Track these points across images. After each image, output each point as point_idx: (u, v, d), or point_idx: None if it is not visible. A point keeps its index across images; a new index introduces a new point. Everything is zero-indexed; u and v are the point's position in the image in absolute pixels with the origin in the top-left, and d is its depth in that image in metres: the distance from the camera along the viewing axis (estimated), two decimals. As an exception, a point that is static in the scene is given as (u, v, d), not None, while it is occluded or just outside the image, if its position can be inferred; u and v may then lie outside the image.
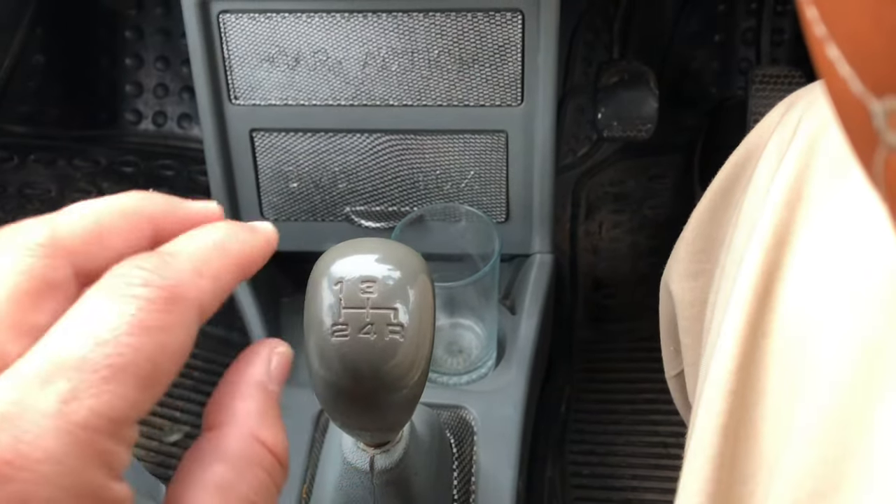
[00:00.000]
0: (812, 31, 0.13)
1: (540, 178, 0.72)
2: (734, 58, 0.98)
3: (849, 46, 0.12)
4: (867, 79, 0.12)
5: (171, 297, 0.20)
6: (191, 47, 0.69)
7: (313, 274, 0.34)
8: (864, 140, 0.13)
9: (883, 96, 0.12)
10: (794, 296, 0.33)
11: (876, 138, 0.12)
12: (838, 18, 0.12)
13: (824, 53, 0.13)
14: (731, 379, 0.34)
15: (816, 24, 0.13)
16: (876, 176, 0.13)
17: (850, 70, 0.12)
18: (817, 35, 0.13)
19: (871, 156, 0.13)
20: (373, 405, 0.33)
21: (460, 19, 0.66)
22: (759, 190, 0.39)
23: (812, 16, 0.13)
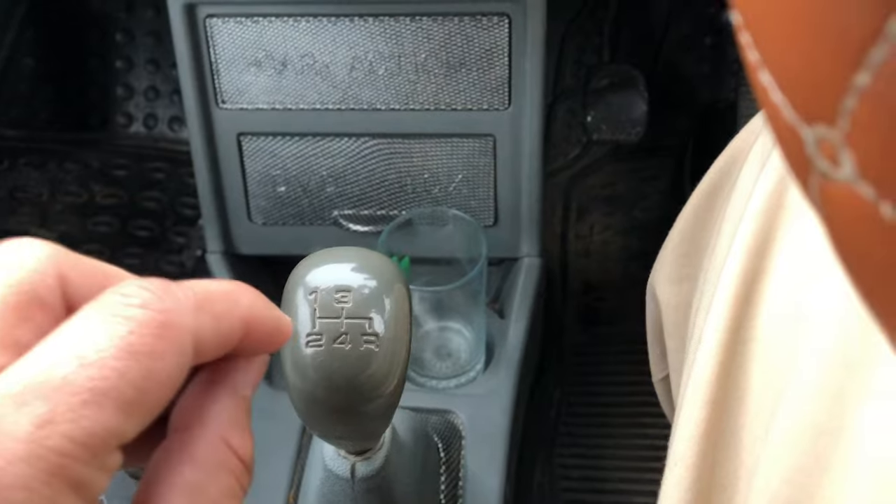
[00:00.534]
0: (746, 56, 0.13)
1: (528, 181, 0.72)
2: (725, 60, 0.98)
3: (779, 74, 0.12)
4: (798, 106, 0.12)
5: (165, 322, 0.19)
6: (177, 51, 0.69)
7: (288, 283, 0.34)
8: (800, 165, 0.13)
9: (813, 123, 0.12)
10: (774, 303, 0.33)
11: (810, 164, 0.12)
12: (769, 46, 0.12)
13: (758, 79, 0.13)
14: (711, 387, 0.34)
15: (750, 50, 0.13)
16: (813, 200, 0.13)
17: (783, 97, 0.12)
18: (751, 60, 0.13)
19: (807, 180, 0.13)
20: (349, 415, 0.33)
21: (447, 23, 0.66)
22: (743, 196, 0.39)
23: (746, 41, 0.13)
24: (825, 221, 0.13)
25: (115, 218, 0.98)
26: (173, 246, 0.96)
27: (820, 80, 0.11)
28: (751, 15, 0.12)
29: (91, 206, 0.99)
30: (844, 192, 0.12)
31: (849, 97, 0.11)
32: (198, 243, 0.95)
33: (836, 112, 0.11)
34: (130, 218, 0.98)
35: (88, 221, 0.98)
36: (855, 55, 0.10)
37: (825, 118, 0.11)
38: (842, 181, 0.12)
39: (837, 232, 0.13)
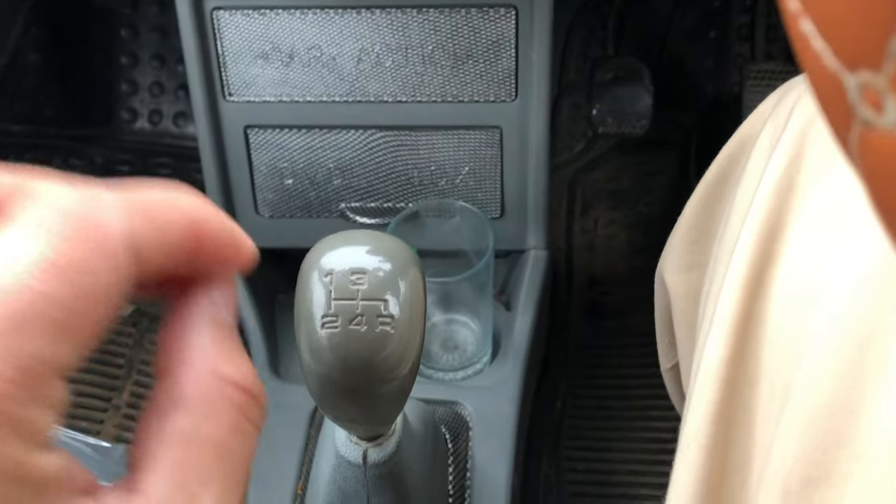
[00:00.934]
0: (786, 6, 0.13)
1: (534, 173, 0.72)
2: (729, 54, 0.98)
3: (821, 20, 0.12)
4: (840, 52, 0.12)
5: (90, 230, 0.17)
6: (185, 44, 0.69)
7: (303, 266, 0.34)
8: (840, 116, 0.13)
9: (856, 70, 0.12)
10: (785, 285, 0.33)
11: (851, 113, 0.12)
12: None
13: (798, 28, 0.13)
14: (723, 367, 0.34)
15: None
16: (852, 153, 0.13)
17: (824, 44, 0.12)
18: (791, 9, 0.13)
19: (847, 132, 0.13)
20: (363, 397, 0.33)
21: (454, 15, 0.66)
22: (753, 180, 0.39)
23: None
24: (865, 174, 0.13)
25: None
26: (179, 241, 0.97)
27: (865, 23, 0.11)
28: None
29: (96, 202, 0.99)
30: (887, 140, 0.11)
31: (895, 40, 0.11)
32: (203, 238, 0.95)
33: (882, 55, 0.11)
34: None
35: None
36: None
37: (870, 63, 0.11)
38: (886, 128, 0.11)
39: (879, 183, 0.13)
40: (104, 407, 0.86)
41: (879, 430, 0.27)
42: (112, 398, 0.86)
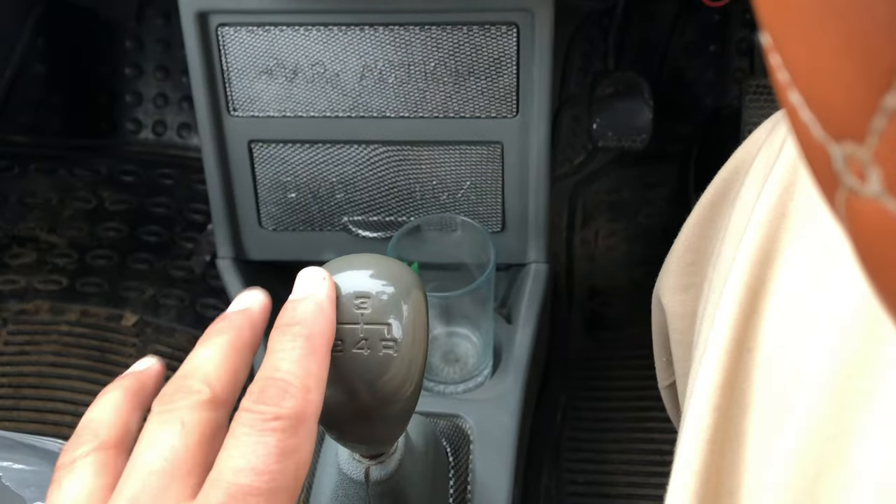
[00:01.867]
0: (776, 77, 0.14)
1: (535, 188, 0.73)
2: (729, 68, 0.99)
3: (809, 93, 0.13)
4: (827, 125, 0.13)
5: (296, 422, 0.26)
6: (190, 60, 0.70)
7: (308, 290, 0.34)
8: (827, 181, 0.13)
9: (841, 141, 0.12)
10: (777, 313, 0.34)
11: (837, 180, 0.13)
12: (799, 68, 0.13)
13: (787, 98, 0.13)
14: (716, 394, 0.34)
15: (780, 71, 0.13)
16: (839, 214, 0.14)
17: (811, 115, 0.13)
18: (781, 81, 0.13)
19: (834, 196, 0.13)
20: (367, 419, 0.34)
21: (456, 32, 0.67)
22: (746, 206, 0.40)
23: (776, 62, 0.14)
24: (851, 235, 0.13)
25: (123, 223, 0.99)
26: (182, 251, 0.97)
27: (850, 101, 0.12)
28: (781, 37, 0.13)
29: (100, 212, 1.00)
30: (871, 207, 0.12)
31: (878, 117, 0.11)
32: (206, 248, 0.96)
33: (866, 131, 0.11)
34: (139, 223, 0.99)
35: (97, 227, 0.99)
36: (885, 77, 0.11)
37: (854, 136, 0.12)
38: (869, 196, 0.12)
39: (863, 245, 0.13)
40: (107, 417, 0.87)
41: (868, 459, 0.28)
42: (115, 408, 0.87)
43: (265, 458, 0.25)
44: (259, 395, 0.26)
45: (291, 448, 0.25)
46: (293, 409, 0.26)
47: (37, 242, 0.97)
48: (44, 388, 0.87)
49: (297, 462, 0.26)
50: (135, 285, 0.95)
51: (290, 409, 0.26)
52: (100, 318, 0.92)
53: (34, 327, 0.92)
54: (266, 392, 0.26)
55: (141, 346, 0.91)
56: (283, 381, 0.27)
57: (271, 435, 0.25)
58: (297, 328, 0.29)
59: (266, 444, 0.25)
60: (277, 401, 0.26)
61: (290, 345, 0.28)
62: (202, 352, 0.29)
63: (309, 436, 0.26)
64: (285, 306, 0.31)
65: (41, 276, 0.95)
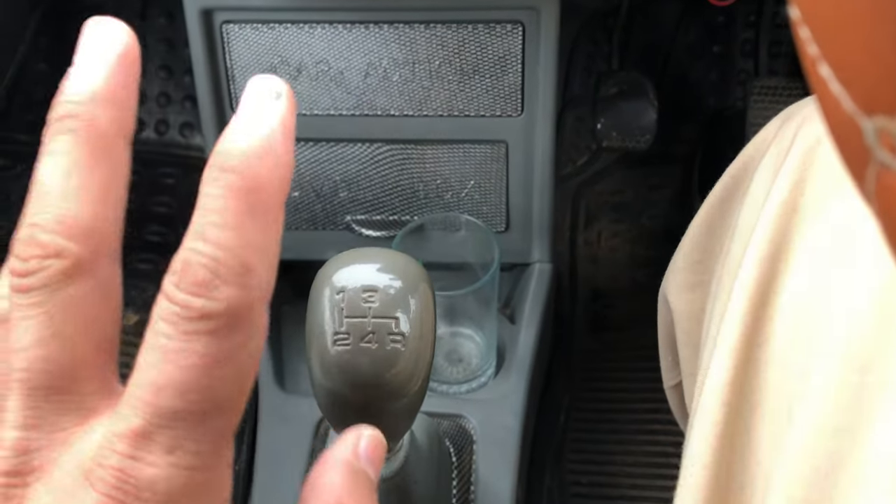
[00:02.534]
0: (805, 50, 0.13)
1: (539, 187, 0.72)
2: (733, 69, 0.99)
3: (840, 66, 0.12)
4: (858, 97, 0.12)
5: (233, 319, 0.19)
6: (194, 57, 0.70)
7: (315, 283, 0.34)
8: (856, 156, 0.13)
9: (873, 114, 0.12)
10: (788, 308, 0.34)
11: (867, 155, 0.13)
12: (830, 39, 0.13)
13: (817, 72, 0.13)
14: (726, 389, 0.34)
15: (809, 44, 0.13)
16: (867, 192, 0.13)
17: (842, 88, 0.13)
18: (810, 54, 0.13)
19: (863, 172, 0.13)
20: (374, 414, 0.34)
21: (461, 30, 0.67)
22: (756, 202, 0.39)
23: (805, 35, 0.13)
24: (881, 213, 0.13)
25: (126, 223, 0.99)
26: (184, 251, 0.97)
27: (882, 71, 0.11)
28: (810, 9, 0.13)
29: (102, 211, 1.00)
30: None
31: None
32: (209, 248, 0.96)
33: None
34: (142, 223, 0.99)
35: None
36: None
37: (886, 109, 0.12)
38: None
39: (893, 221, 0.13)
40: (109, 416, 0.86)
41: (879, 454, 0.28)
42: (116, 408, 0.87)
43: (191, 371, 0.18)
44: (181, 278, 0.19)
45: (226, 354, 0.18)
46: (228, 300, 0.18)
47: None
48: (45, 387, 0.87)
49: (238, 371, 0.19)
50: (138, 284, 0.95)
51: (223, 300, 0.18)
52: (101, 317, 0.92)
53: (35, 326, 0.91)
54: (189, 274, 0.19)
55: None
56: (211, 258, 0.19)
57: (197, 340, 0.18)
58: (232, 177, 0.20)
59: (191, 352, 0.18)
60: (205, 289, 0.18)
61: (222, 203, 0.19)
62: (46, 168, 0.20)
63: (254, 333, 0.19)
64: (223, 135, 0.20)
65: (43, 275, 0.95)
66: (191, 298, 0.19)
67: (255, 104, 0.21)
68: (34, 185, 0.21)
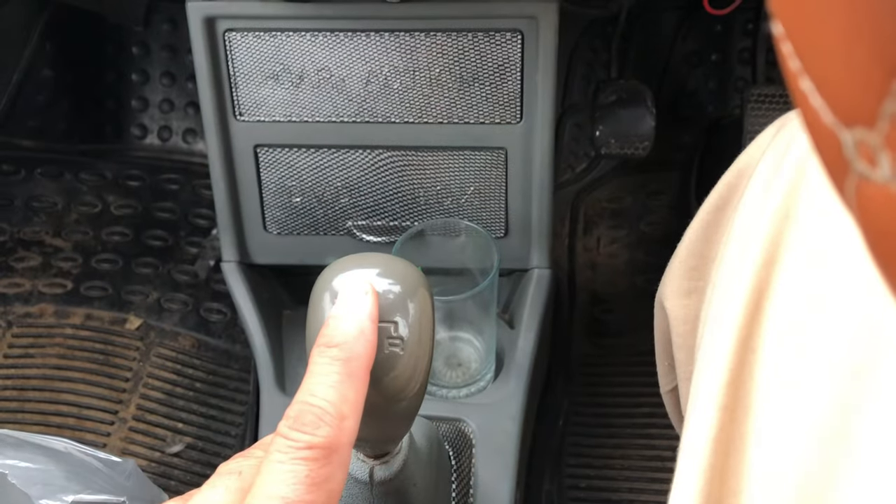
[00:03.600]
0: (787, 65, 0.14)
1: (538, 194, 0.73)
2: (730, 77, 1.00)
3: (820, 80, 0.13)
4: (837, 110, 0.13)
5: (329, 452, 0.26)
6: (197, 65, 0.70)
7: (315, 288, 0.35)
8: (837, 167, 0.14)
9: (852, 127, 0.12)
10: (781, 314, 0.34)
11: (847, 165, 0.13)
12: (811, 55, 0.13)
13: (798, 86, 0.14)
14: (722, 393, 0.34)
15: (791, 59, 0.14)
16: (848, 201, 0.14)
17: (822, 102, 0.13)
18: (792, 69, 0.14)
19: (843, 182, 0.14)
20: (372, 417, 0.34)
21: (461, 39, 0.68)
22: (751, 209, 0.40)
23: (787, 50, 0.14)
24: (861, 221, 0.14)
25: (129, 228, 1.00)
26: (186, 256, 0.98)
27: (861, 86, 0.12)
28: (792, 25, 0.13)
29: (105, 217, 1.01)
30: (882, 192, 0.12)
31: (889, 101, 0.11)
32: (210, 253, 0.97)
33: (876, 115, 0.12)
34: (144, 228, 1.00)
35: (103, 231, 1.00)
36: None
37: (864, 121, 0.12)
38: (879, 181, 0.12)
39: (873, 231, 0.13)
40: (111, 420, 0.87)
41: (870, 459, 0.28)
42: (119, 411, 0.87)
43: (296, 487, 0.25)
44: (294, 421, 0.27)
45: (323, 477, 0.26)
46: (327, 437, 0.26)
47: (42, 246, 0.98)
48: (48, 390, 0.88)
49: (330, 491, 0.26)
50: (139, 289, 0.95)
51: (323, 437, 0.26)
52: (104, 321, 0.93)
53: (38, 330, 0.92)
54: (301, 418, 0.27)
55: (144, 349, 0.91)
56: (319, 407, 0.27)
57: (303, 464, 0.26)
58: (335, 351, 0.29)
59: (298, 472, 0.25)
60: (312, 429, 0.26)
61: (328, 368, 0.28)
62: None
63: (342, 464, 0.27)
64: (326, 322, 0.30)
65: (46, 280, 0.96)
66: (301, 434, 0.26)
67: (354, 295, 0.31)
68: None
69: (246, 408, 0.86)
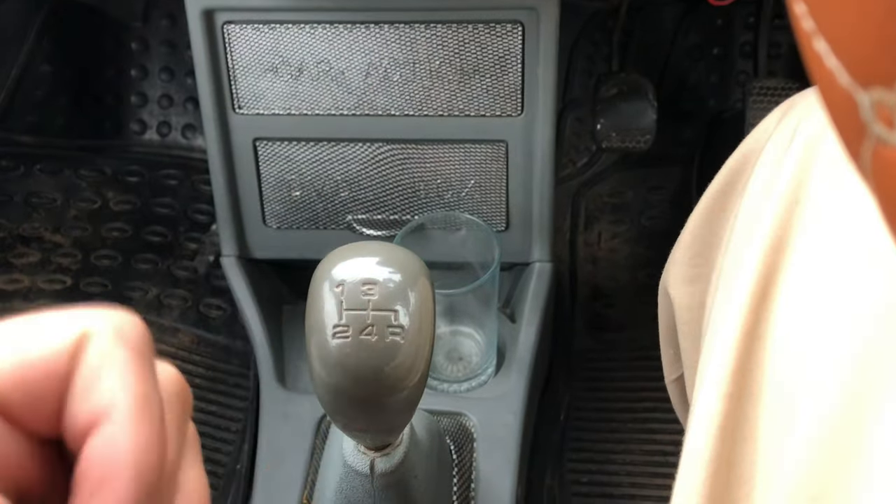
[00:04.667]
0: (800, 26, 0.13)
1: (539, 187, 0.73)
2: (732, 70, 0.99)
3: (836, 39, 0.12)
4: (854, 70, 0.12)
5: None
6: (195, 57, 0.70)
7: (315, 277, 0.34)
8: (853, 132, 0.13)
9: (869, 87, 0.12)
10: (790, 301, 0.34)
11: (863, 129, 0.13)
12: (825, 12, 0.12)
13: (812, 47, 0.13)
14: (728, 381, 0.34)
15: (804, 19, 0.13)
16: (864, 167, 0.13)
17: (838, 62, 0.12)
18: (805, 29, 0.13)
19: (859, 147, 0.13)
20: (373, 406, 0.34)
21: (461, 30, 0.67)
22: (757, 194, 0.40)
23: (800, 11, 0.13)
24: (877, 188, 0.13)
25: (128, 224, 0.99)
26: (186, 251, 0.97)
27: (878, 43, 0.11)
28: None
29: (105, 212, 1.00)
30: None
31: None
32: (210, 249, 0.96)
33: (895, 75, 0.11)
34: (143, 224, 0.99)
35: (102, 227, 0.99)
36: None
37: (883, 80, 0.11)
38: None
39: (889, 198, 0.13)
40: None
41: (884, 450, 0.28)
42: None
43: None
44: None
45: None
46: None
47: (41, 242, 0.97)
48: (47, 386, 0.87)
49: None
50: (138, 285, 0.95)
51: None
52: (103, 317, 0.92)
53: (38, 326, 0.92)
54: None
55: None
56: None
57: None
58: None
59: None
60: None
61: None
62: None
63: None
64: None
65: (45, 276, 0.95)
66: None
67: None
68: None
69: (246, 403, 0.86)
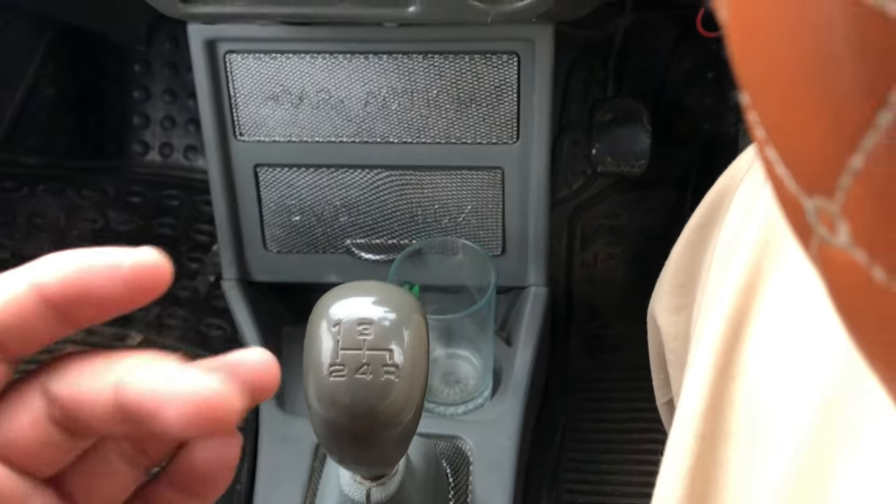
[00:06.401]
0: (754, 134, 0.15)
1: (535, 212, 0.74)
2: (726, 95, 1.01)
3: (784, 151, 0.14)
4: (799, 179, 0.13)
5: None
6: (198, 86, 0.71)
7: (313, 315, 0.36)
8: (802, 229, 0.14)
9: (813, 195, 0.13)
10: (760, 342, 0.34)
11: (810, 229, 0.14)
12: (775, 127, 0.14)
13: (764, 153, 0.14)
14: (699, 421, 0.34)
15: (757, 128, 0.14)
16: (813, 259, 0.15)
17: (786, 170, 0.14)
18: (759, 137, 0.15)
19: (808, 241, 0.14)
20: (369, 442, 0.35)
21: (458, 61, 0.69)
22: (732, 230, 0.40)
23: (753, 119, 0.15)
24: (824, 279, 0.14)
25: (130, 244, 1.00)
26: (187, 271, 0.98)
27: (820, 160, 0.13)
28: (757, 98, 0.14)
29: (107, 232, 1.01)
30: (841, 256, 0.13)
31: (845, 175, 0.12)
32: (211, 269, 0.97)
33: (834, 187, 0.12)
34: (145, 244, 1.00)
35: (104, 247, 1.00)
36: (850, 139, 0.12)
37: (824, 191, 0.13)
38: (838, 246, 0.13)
39: (835, 290, 0.14)
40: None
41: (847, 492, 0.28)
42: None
43: None
44: None
45: None
46: None
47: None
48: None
49: None
50: (140, 305, 0.96)
51: None
52: (105, 337, 0.93)
53: (40, 346, 0.93)
54: None
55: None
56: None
57: None
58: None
59: None
60: None
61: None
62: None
63: None
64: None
65: (48, 296, 0.96)
66: None
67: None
68: None
69: (244, 425, 0.87)
